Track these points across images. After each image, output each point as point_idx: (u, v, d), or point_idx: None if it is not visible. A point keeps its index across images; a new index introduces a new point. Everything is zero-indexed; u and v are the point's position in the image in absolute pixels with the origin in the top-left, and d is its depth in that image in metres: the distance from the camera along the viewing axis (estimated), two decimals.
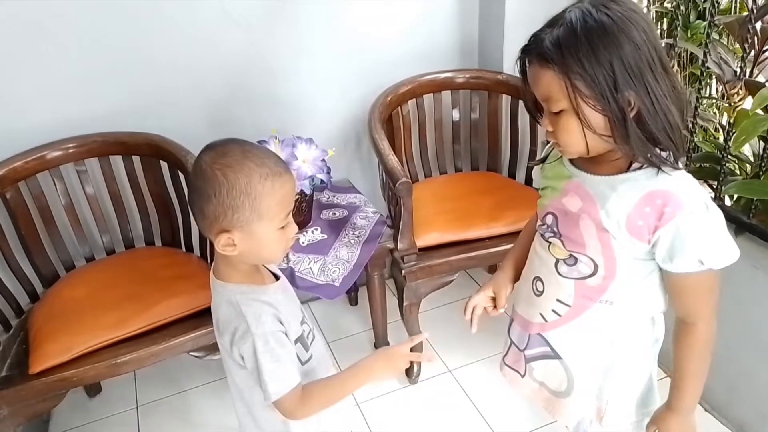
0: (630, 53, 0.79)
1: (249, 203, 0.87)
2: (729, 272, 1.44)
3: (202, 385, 1.86)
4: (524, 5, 1.86)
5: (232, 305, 0.94)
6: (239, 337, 0.93)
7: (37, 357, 1.33)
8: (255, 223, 0.89)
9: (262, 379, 0.92)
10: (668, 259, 0.85)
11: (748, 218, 1.43)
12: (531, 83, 0.87)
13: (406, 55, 1.95)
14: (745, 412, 1.54)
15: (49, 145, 1.59)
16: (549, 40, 0.82)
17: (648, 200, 0.84)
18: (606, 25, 0.79)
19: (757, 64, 1.65)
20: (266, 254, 0.95)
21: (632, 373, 1.02)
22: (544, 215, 0.99)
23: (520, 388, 1.15)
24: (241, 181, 0.87)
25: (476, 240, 1.68)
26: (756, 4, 1.37)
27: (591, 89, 0.80)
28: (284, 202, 0.92)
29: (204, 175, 0.88)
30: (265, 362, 0.92)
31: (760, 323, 1.42)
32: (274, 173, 0.89)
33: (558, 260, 0.97)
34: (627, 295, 0.94)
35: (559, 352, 1.03)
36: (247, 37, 1.75)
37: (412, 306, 1.72)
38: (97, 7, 1.57)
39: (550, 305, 1.00)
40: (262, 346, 0.92)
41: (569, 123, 0.84)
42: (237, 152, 0.88)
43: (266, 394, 0.93)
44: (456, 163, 2.06)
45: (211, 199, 0.88)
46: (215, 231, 0.90)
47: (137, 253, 1.73)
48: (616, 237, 0.88)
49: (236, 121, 1.80)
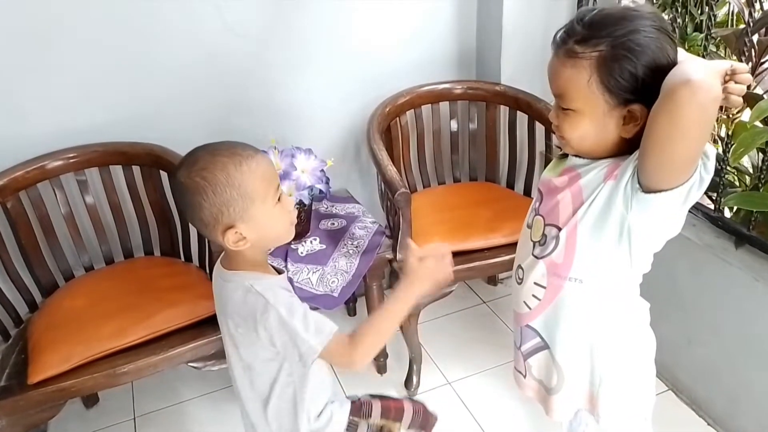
0: (648, 69, 0.83)
1: (237, 192, 0.90)
2: (729, 284, 1.45)
3: (200, 396, 1.85)
4: (522, 17, 1.87)
5: (246, 289, 0.95)
6: (260, 314, 0.93)
7: (35, 367, 1.33)
8: (251, 209, 0.92)
9: (300, 338, 0.92)
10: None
11: (747, 230, 1.44)
12: (550, 75, 0.91)
13: (405, 66, 1.96)
14: (747, 424, 1.53)
15: (49, 154, 1.59)
16: (587, 30, 0.85)
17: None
18: (641, 39, 0.83)
19: (755, 76, 1.66)
20: (275, 232, 0.98)
21: (618, 356, 1.03)
22: (535, 196, 1.05)
23: (524, 389, 1.16)
24: (219, 177, 0.90)
25: (475, 251, 1.68)
26: (753, 17, 1.38)
27: (612, 90, 0.84)
28: (266, 177, 0.94)
29: (186, 188, 0.91)
30: (296, 322, 0.92)
31: (761, 335, 1.42)
32: (245, 157, 0.92)
33: (534, 243, 1.01)
34: (594, 273, 0.96)
35: (547, 340, 1.05)
36: (246, 48, 1.76)
37: (411, 317, 1.71)
38: (99, 18, 1.58)
39: (531, 290, 1.03)
40: (286, 311, 0.93)
41: (577, 121, 0.89)
42: (205, 155, 0.92)
43: (311, 351, 0.93)
44: (454, 174, 2.06)
45: (203, 204, 0.90)
46: (220, 231, 0.93)
47: (136, 263, 1.73)
48: (588, 197, 0.91)
49: (236, 132, 1.80)
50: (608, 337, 1.02)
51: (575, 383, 1.05)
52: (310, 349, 0.93)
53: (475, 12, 1.99)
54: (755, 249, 1.43)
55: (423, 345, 1.81)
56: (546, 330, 1.05)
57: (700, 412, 1.65)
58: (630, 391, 1.06)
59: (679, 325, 1.60)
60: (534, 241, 1.02)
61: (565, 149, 0.97)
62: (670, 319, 1.03)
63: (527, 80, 1.91)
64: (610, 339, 1.02)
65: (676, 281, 1.58)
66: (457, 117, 2.01)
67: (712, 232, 1.52)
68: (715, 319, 1.53)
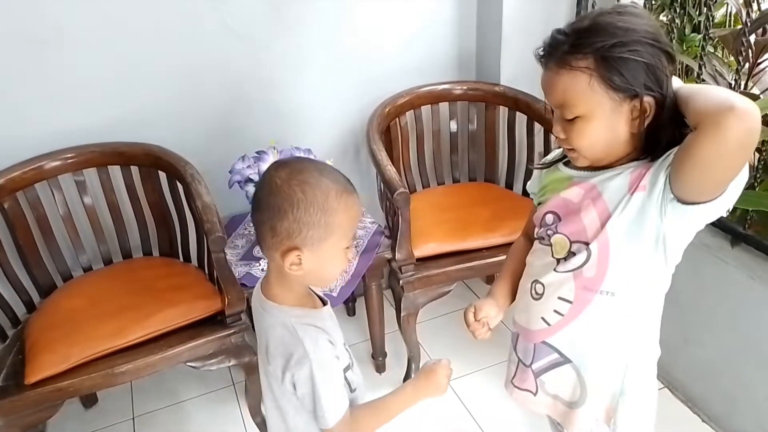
0: (653, 58, 0.82)
1: (324, 220, 0.86)
2: (725, 283, 1.45)
3: (199, 396, 1.85)
4: (521, 18, 1.88)
5: (288, 329, 0.92)
6: (295, 362, 0.90)
7: (33, 367, 1.33)
8: (325, 241, 0.88)
9: (319, 405, 0.91)
10: None
11: (743, 229, 1.44)
12: (545, 89, 0.89)
13: (405, 67, 1.97)
14: (744, 423, 1.54)
15: (47, 155, 1.59)
16: (575, 37, 0.84)
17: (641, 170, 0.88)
18: (630, 29, 0.82)
19: (752, 76, 1.67)
20: (328, 274, 0.94)
21: (642, 369, 1.01)
22: (543, 216, 1.00)
23: (534, 406, 1.11)
24: (319, 198, 0.86)
25: (474, 250, 1.69)
26: (750, 18, 1.39)
27: (617, 86, 0.82)
28: (354, 219, 0.91)
29: (280, 192, 0.86)
30: (324, 389, 0.90)
31: (758, 333, 1.43)
32: (348, 191, 0.89)
33: (558, 260, 0.97)
34: (628, 284, 0.93)
35: (569, 354, 1.01)
36: (246, 49, 1.76)
37: (410, 316, 1.71)
38: (97, 19, 1.58)
39: (552, 305, 0.99)
40: (319, 373, 0.89)
41: (585, 127, 0.86)
42: (312, 169, 0.88)
43: (323, 421, 0.92)
44: (453, 174, 2.06)
45: (288, 215, 0.86)
46: (284, 249, 0.88)
47: (135, 263, 1.73)
48: (615, 209, 0.88)
49: (235, 132, 1.81)
50: (636, 349, 0.99)
51: (599, 396, 1.02)
52: (322, 419, 0.92)
53: (474, 13, 1.99)
54: (751, 248, 1.44)
55: (421, 344, 1.82)
56: (568, 345, 1.01)
57: (695, 410, 1.66)
58: (646, 401, 1.04)
59: (675, 323, 1.60)
60: (558, 258, 0.97)
61: (577, 162, 0.94)
62: (666, 317, 1.02)
63: (527, 81, 1.92)
64: (638, 352, 0.99)
65: (672, 279, 1.58)
66: (457, 117, 2.01)
67: (708, 230, 1.53)
68: (711, 317, 1.54)
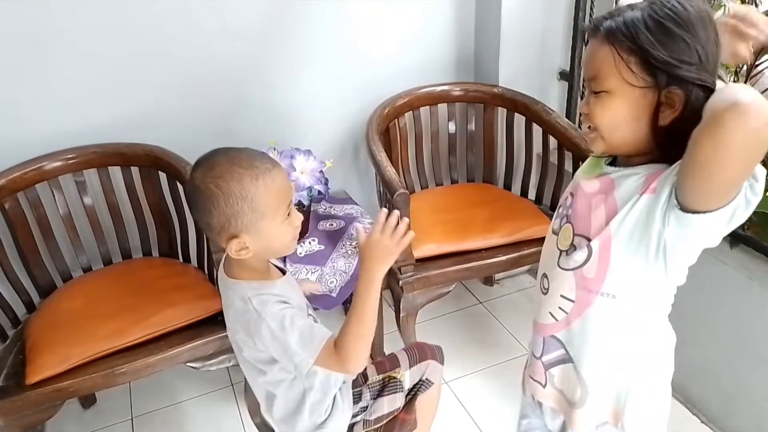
0: (695, 55, 0.78)
1: (248, 206, 0.91)
2: (724, 284, 1.46)
3: (198, 396, 1.85)
4: (520, 20, 1.88)
5: (244, 301, 0.97)
6: (254, 326, 0.95)
7: (33, 367, 1.33)
8: (259, 223, 0.93)
9: (292, 351, 0.93)
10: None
11: (743, 230, 1.45)
12: (585, 59, 0.88)
13: (404, 69, 1.97)
14: (742, 423, 1.54)
15: (48, 155, 1.60)
16: (623, 17, 0.82)
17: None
18: (684, 15, 0.79)
19: (750, 78, 1.67)
20: (278, 246, 1.00)
21: (646, 373, 0.99)
22: (566, 197, 0.99)
23: (544, 398, 1.09)
24: (234, 188, 0.90)
25: (472, 251, 1.69)
26: None
27: (653, 66, 0.79)
28: (280, 195, 0.94)
29: (199, 192, 0.91)
30: (288, 336, 0.93)
31: (756, 334, 1.43)
32: (262, 171, 0.92)
33: (561, 252, 0.96)
34: (629, 288, 0.91)
35: (572, 354, 1.00)
36: (246, 50, 1.77)
37: (409, 317, 1.72)
38: (97, 20, 1.58)
39: (556, 302, 0.98)
40: (277, 325, 0.94)
41: (609, 103, 0.84)
42: (223, 162, 0.92)
43: (304, 363, 0.94)
44: (452, 175, 2.07)
45: (212, 212, 0.91)
46: (225, 239, 0.94)
47: (135, 263, 1.73)
48: (622, 208, 0.86)
49: (235, 133, 1.81)
50: (638, 354, 0.97)
51: (600, 399, 1.01)
52: (303, 361, 0.95)
53: (473, 14, 2.00)
54: (750, 249, 1.44)
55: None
56: (571, 344, 1.00)
57: (694, 411, 1.66)
58: (655, 405, 1.03)
59: (674, 324, 1.60)
60: (561, 250, 0.96)
61: (593, 146, 0.91)
62: None
63: (525, 82, 1.93)
64: (640, 356, 0.98)
65: None
66: (456, 119, 2.02)
67: None
68: (710, 318, 1.54)
